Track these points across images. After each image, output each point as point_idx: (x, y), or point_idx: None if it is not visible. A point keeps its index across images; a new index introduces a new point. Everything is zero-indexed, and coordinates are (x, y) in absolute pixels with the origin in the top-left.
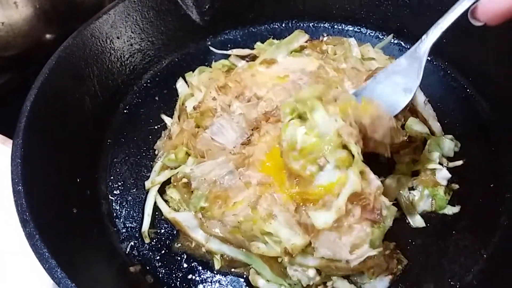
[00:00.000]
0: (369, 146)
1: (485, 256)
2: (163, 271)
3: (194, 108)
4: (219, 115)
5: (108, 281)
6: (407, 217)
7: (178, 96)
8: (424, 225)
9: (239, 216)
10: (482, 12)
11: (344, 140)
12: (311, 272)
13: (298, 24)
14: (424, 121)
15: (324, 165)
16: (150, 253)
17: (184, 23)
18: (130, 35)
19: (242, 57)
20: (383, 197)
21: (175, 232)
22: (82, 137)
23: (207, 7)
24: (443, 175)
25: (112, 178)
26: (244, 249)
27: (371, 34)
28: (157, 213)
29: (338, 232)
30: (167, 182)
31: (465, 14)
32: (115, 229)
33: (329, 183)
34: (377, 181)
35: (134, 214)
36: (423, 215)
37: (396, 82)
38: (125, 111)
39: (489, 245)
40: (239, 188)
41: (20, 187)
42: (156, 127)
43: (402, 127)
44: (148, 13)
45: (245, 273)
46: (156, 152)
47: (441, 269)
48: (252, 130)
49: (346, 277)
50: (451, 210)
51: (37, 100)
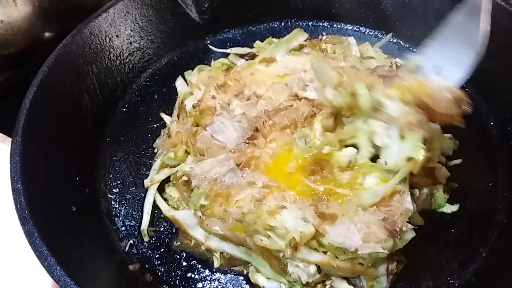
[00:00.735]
0: (437, 119)
1: (484, 254)
2: (163, 270)
3: (194, 107)
4: (219, 114)
5: (107, 279)
6: None
7: (177, 95)
8: (423, 224)
9: (243, 208)
10: None
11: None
12: (312, 269)
13: (297, 23)
14: None
15: None
16: (149, 252)
17: (184, 22)
18: (130, 34)
19: (242, 56)
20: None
21: (174, 231)
22: (81, 135)
23: (206, 6)
24: (442, 174)
25: (111, 177)
26: (244, 247)
27: (370, 33)
28: (156, 212)
29: (354, 222)
30: (166, 181)
31: None
32: (114, 227)
33: None
34: (410, 205)
35: (133, 213)
36: (422, 214)
37: (459, 38)
38: (124, 110)
39: (488, 243)
40: (241, 186)
41: (19, 185)
42: (155, 126)
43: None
44: (148, 12)
45: (245, 271)
46: (155, 151)
47: (440, 267)
48: (254, 131)
49: (345, 279)
50: (450, 209)
51: (36, 98)
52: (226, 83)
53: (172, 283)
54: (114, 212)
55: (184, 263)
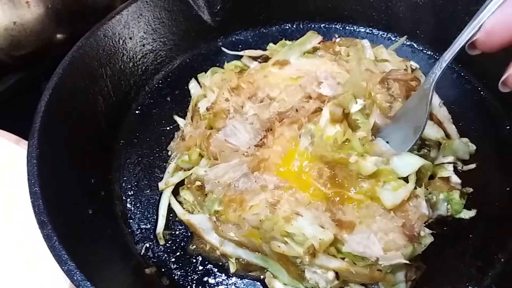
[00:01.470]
0: None
1: (503, 260)
2: (179, 273)
3: (207, 109)
4: (232, 117)
5: (124, 283)
6: None
7: (190, 97)
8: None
9: (260, 215)
10: (481, 45)
11: None
12: (330, 275)
13: (309, 25)
14: (439, 124)
15: None
16: (165, 255)
17: (196, 24)
18: (143, 36)
19: (255, 58)
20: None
21: (190, 234)
22: (96, 138)
23: (219, 8)
24: (455, 180)
25: (126, 179)
26: (260, 253)
27: (383, 36)
28: (171, 215)
29: (373, 230)
30: (181, 183)
31: None
32: (130, 231)
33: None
34: (426, 210)
35: (148, 215)
36: (440, 220)
37: (409, 121)
38: (138, 112)
39: (506, 249)
40: (255, 192)
41: (37, 189)
42: (169, 128)
43: None
44: (160, 14)
45: (261, 276)
46: (169, 153)
47: (459, 274)
48: (266, 132)
49: (363, 285)
50: (467, 214)
51: (52, 101)
52: (240, 86)
53: (189, 287)
54: (129, 215)
55: (201, 267)
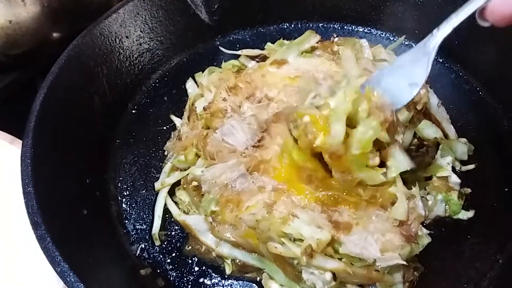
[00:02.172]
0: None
1: (501, 261)
2: (174, 275)
3: (204, 109)
4: (229, 116)
5: (119, 284)
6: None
7: (187, 96)
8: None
9: (257, 215)
10: (491, 13)
11: None
12: (328, 276)
13: (308, 25)
14: (438, 124)
15: None
16: (161, 256)
17: (193, 23)
18: (139, 34)
19: (252, 58)
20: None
21: (186, 235)
22: (91, 137)
23: (216, 7)
24: (455, 180)
25: (121, 179)
26: (256, 254)
27: (382, 35)
28: (167, 215)
29: (370, 231)
30: (177, 184)
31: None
32: (125, 231)
33: None
34: (422, 210)
35: (144, 216)
36: (438, 220)
37: (402, 76)
38: (134, 111)
39: (505, 250)
40: (252, 192)
41: (31, 189)
42: (165, 128)
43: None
44: (157, 12)
45: (258, 277)
46: (166, 153)
47: (457, 275)
48: (263, 132)
49: (361, 286)
50: (466, 215)
51: (47, 99)
52: (237, 85)
53: None
54: (125, 215)
55: (196, 268)
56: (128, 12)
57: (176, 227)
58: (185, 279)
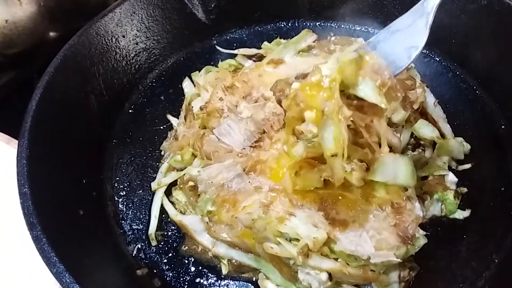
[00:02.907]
0: (364, 111)
1: (497, 261)
2: (171, 275)
3: (201, 109)
4: (226, 116)
5: (115, 285)
6: None
7: (184, 96)
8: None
9: (253, 214)
10: None
11: None
12: (323, 276)
13: (305, 24)
14: (434, 123)
15: None
16: (157, 256)
17: (190, 22)
18: (136, 34)
19: (249, 57)
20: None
21: (182, 235)
22: (88, 137)
23: (213, 6)
24: (451, 179)
25: (118, 179)
26: (253, 254)
27: None
28: (164, 215)
29: (366, 229)
30: (174, 183)
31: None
32: (122, 231)
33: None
34: (420, 212)
35: (141, 216)
36: (434, 220)
37: (400, 40)
38: (131, 111)
39: (501, 250)
40: (248, 192)
41: (27, 189)
42: (162, 127)
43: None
44: (154, 12)
45: (254, 278)
46: (162, 153)
47: (453, 274)
48: (261, 133)
49: (357, 286)
50: (462, 215)
51: (43, 100)
52: (234, 85)
53: None
54: (121, 216)
55: (193, 268)
56: (125, 11)
57: (173, 227)
58: (182, 279)
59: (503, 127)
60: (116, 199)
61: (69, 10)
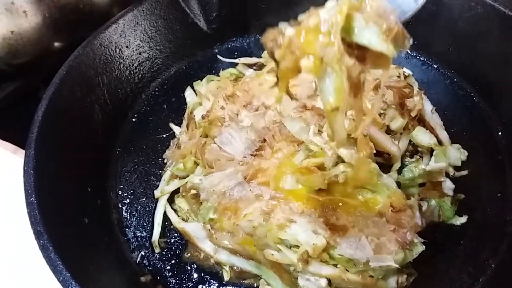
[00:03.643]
0: (367, 61)
1: (493, 266)
2: (174, 281)
3: (203, 117)
4: (228, 125)
5: None
6: None
7: (186, 104)
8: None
9: (254, 222)
10: None
11: None
12: (323, 282)
13: None
14: (432, 130)
15: None
16: (161, 263)
17: (192, 31)
18: (139, 44)
19: (250, 66)
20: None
21: (185, 242)
22: (92, 146)
23: (214, 15)
24: (449, 186)
25: (122, 187)
26: (254, 261)
27: None
28: (167, 223)
29: (365, 234)
30: (176, 191)
31: (473, 24)
32: (125, 239)
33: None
34: (419, 221)
35: (144, 223)
36: (431, 226)
37: None
38: (134, 120)
39: (497, 255)
40: (249, 200)
41: (33, 199)
42: (165, 136)
43: None
44: (157, 22)
45: (255, 284)
46: (165, 161)
47: (450, 279)
48: (261, 142)
49: None
50: (459, 220)
51: (48, 110)
52: (235, 94)
53: None
54: (125, 223)
55: (195, 275)
56: (128, 22)
57: (176, 234)
58: (185, 286)
59: (500, 134)
60: (120, 207)
61: (74, 21)
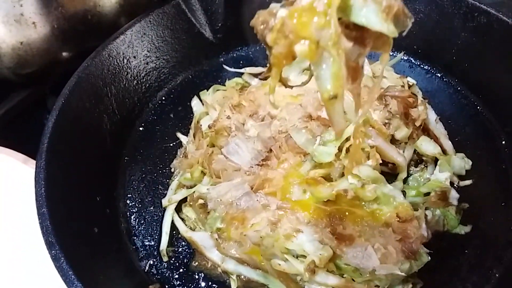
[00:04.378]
0: (366, 43)
1: (497, 275)
2: None
3: (209, 127)
4: (234, 135)
5: None
6: None
7: (193, 114)
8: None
9: (261, 232)
10: None
11: None
12: None
13: None
14: (436, 140)
15: None
16: (169, 272)
17: (198, 41)
18: (146, 54)
19: (255, 75)
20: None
21: (193, 251)
22: (101, 156)
23: (220, 25)
24: (453, 195)
25: (130, 196)
26: (261, 270)
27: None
28: (175, 231)
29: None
30: (184, 200)
31: (476, 33)
32: (134, 247)
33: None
34: (425, 232)
35: (152, 232)
36: (436, 235)
37: None
38: (141, 129)
39: (501, 264)
40: (257, 210)
41: (45, 210)
42: (172, 145)
43: None
44: (163, 32)
45: None
46: (172, 170)
47: None
48: (268, 152)
49: None
50: (463, 230)
51: (58, 122)
52: (241, 104)
53: None
54: (134, 232)
55: (203, 284)
56: (135, 33)
57: (183, 243)
58: None
59: (504, 143)
60: (129, 216)
61: (82, 31)
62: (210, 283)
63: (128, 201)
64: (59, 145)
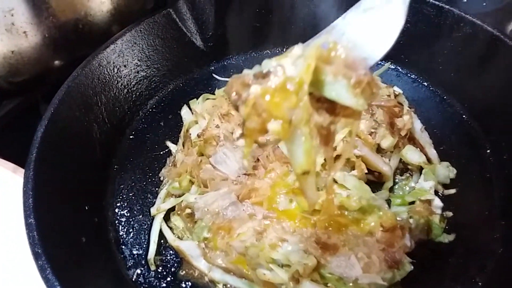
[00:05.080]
0: (337, 112)
1: (480, 284)
2: None
3: (198, 136)
4: (222, 144)
5: None
6: None
7: (183, 122)
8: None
9: (246, 242)
10: None
11: None
12: None
13: None
14: (421, 148)
15: None
16: (156, 281)
17: (189, 50)
18: (137, 63)
19: None
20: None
21: (180, 260)
22: (90, 164)
23: (211, 34)
24: (437, 204)
25: (119, 205)
26: (247, 279)
27: None
28: (163, 240)
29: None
30: (172, 209)
31: (462, 43)
32: (122, 256)
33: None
34: (409, 242)
35: (140, 241)
36: (419, 243)
37: (373, 21)
38: (131, 137)
39: (484, 273)
40: (243, 220)
41: (32, 220)
42: (161, 153)
43: None
44: (154, 41)
45: None
46: (161, 179)
47: None
48: (255, 162)
49: None
50: (447, 238)
51: (47, 131)
52: (230, 113)
53: None
54: (122, 241)
55: None
56: (126, 42)
57: (171, 252)
58: None
59: (488, 152)
60: (117, 225)
61: (73, 40)
62: None
63: (117, 210)
64: (48, 155)
